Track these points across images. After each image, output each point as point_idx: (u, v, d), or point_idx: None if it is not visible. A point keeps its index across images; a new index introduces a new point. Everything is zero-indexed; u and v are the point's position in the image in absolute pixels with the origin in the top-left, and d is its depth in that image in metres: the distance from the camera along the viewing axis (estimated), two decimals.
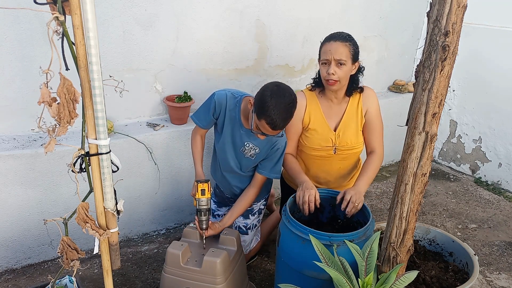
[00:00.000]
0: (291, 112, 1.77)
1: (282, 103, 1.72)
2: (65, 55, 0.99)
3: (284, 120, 1.75)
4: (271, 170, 2.04)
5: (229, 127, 1.98)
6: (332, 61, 1.88)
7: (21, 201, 2.12)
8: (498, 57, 3.15)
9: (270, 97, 1.71)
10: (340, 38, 1.89)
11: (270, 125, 1.74)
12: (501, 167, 3.30)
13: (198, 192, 1.84)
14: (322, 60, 1.92)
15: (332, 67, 1.88)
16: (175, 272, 1.74)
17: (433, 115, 1.34)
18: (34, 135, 2.19)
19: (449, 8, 1.21)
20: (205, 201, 1.85)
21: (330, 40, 1.91)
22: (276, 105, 1.70)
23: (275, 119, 1.71)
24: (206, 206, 1.84)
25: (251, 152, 2.00)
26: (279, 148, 1.99)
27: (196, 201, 1.86)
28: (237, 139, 1.99)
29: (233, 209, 2.04)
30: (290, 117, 1.78)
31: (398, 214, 1.50)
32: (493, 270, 2.38)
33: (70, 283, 1.73)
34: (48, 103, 1.00)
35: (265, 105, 1.71)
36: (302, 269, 1.61)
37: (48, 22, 0.94)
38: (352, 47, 1.90)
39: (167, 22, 2.33)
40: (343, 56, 1.87)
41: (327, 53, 1.89)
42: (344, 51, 1.87)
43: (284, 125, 1.78)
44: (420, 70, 1.34)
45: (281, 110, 1.71)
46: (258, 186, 2.08)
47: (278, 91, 1.74)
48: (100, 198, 1.24)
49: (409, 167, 1.43)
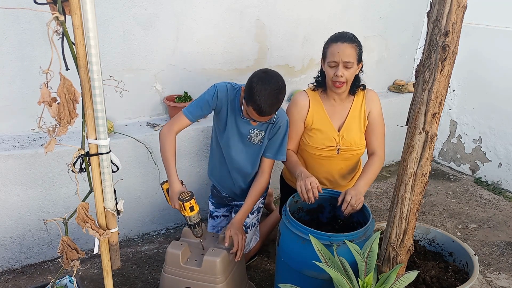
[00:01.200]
0: (278, 98, 1.78)
1: (268, 89, 1.73)
2: (65, 55, 0.99)
3: (270, 106, 1.76)
4: (277, 152, 2.03)
5: (232, 119, 1.98)
6: (340, 63, 1.88)
7: (21, 201, 2.12)
8: (498, 57, 3.15)
9: (257, 83, 1.73)
10: (347, 40, 1.89)
11: (257, 111, 1.76)
12: (501, 167, 3.30)
13: (187, 210, 1.75)
14: (329, 62, 1.91)
15: (340, 69, 1.88)
16: (175, 272, 1.74)
17: (433, 115, 1.34)
18: (34, 135, 2.19)
19: (449, 8, 1.21)
20: (195, 216, 1.77)
21: (337, 41, 1.90)
22: (261, 91, 1.72)
23: (261, 105, 1.73)
24: (197, 220, 1.78)
25: (258, 137, 2.00)
26: (281, 125, 1.99)
27: (186, 218, 1.77)
28: (242, 129, 1.99)
29: (246, 202, 2.01)
30: (277, 103, 1.79)
31: (398, 214, 1.50)
32: (493, 270, 2.38)
33: (70, 283, 1.73)
34: (48, 103, 1.00)
35: (252, 91, 1.73)
36: (302, 269, 1.61)
37: (48, 22, 0.94)
38: (358, 48, 1.91)
39: (167, 22, 2.33)
40: (351, 58, 1.87)
41: (335, 55, 1.88)
42: (351, 53, 1.87)
43: (271, 111, 1.78)
44: (420, 70, 1.34)
45: (267, 96, 1.73)
46: (267, 171, 2.06)
47: (265, 78, 1.76)
48: (100, 198, 1.24)
49: (409, 167, 1.43)
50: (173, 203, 1.85)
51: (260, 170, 2.08)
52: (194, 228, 1.80)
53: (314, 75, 2.14)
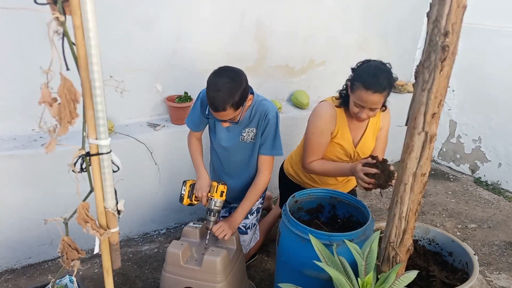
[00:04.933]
0: (230, 92, 1.68)
1: (219, 83, 1.68)
2: (66, 55, 0.99)
3: (223, 101, 1.68)
4: (272, 147, 2.00)
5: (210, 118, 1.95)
6: (366, 108, 1.84)
7: (22, 201, 2.12)
8: (498, 57, 3.15)
9: (210, 78, 1.72)
10: (380, 90, 1.78)
11: (210, 106, 1.73)
12: (500, 167, 3.30)
13: (218, 193, 1.83)
14: (356, 103, 1.86)
15: (365, 112, 1.86)
16: (175, 271, 1.75)
17: (433, 115, 1.34)
18: (34, 135, 2.19)
19: (449, 8, 1.21)
20: (221, 203, 1.86)
21: (368, 89, 1.78)
22: (211, 85, 1.69)
23: (212, 100, 1.69)
24: (219, 207, 1.85)
25: (250, 135, 1.98)
26: (270, 118, 1.93)
27: (212, 201, 1.84)
28: (232, 130, 1.98)
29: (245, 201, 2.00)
30: (230, 97, 1.68)
31: (397, 213, 1.51)
32: (493, 270, 2.38)
33: (70, 283, 1.73)
34: (49, 103, 1.00)
35: (207, 86, 1.72)
36: (302, 269, 1.61)
37: (49, 22, 0.94)
38: (388, 91, 1.83)
39: (167, 22, 2.33)
40: (379, 105, 1.84)
41: (363, 102, 1.82)
42: (380, 100, 1.82)
43: (224, 106, 1.69)
44: (420, 70, 1.34)
45: (217, 90, 1.67)
46: (265, 169, 2.03)
47: (218, 72, 1.74)
48: (101, 198, 1.24)
49: (409, 167, 1.43)
50: (200, 191, 1.92)
51: (258, 169, 2.06)
52: (212, 216, 1.84)
53: (314, 75, 2.14)
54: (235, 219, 1.94)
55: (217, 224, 1.85)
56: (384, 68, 1.82)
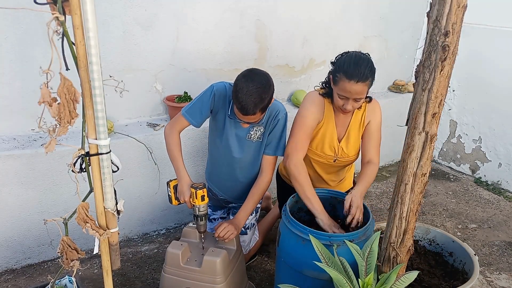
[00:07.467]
0: (261, 96, 1.72)
1: (251, 87, 1.69)
2: (65, 55, 0.99)
3: (253, 104, 1.71)
4: (276, 147, 2.00)
5: (232, 119, 1.94)
6: (350, 99, 1.83)
7: (21, 201, 2.12)
8: (498, 57, 3.15)
9: (240, 81, 1.72)
10: (362, 79, 1.76)
11: (240, 110, 1.73)
12: (501, 167, 3.30)
13: (198, 199, 1.78)
14: (340, 95, 1.84)
15: (349, 103, 1.84)
16: (175, 272, 1.74)
17: (433, 115, 1.34)
18: (34, 135, 2.19)
19: (449, 8, 1.21)
20: (205, 207, 1.80)
21: (351, 79, 1.76)
22: (244, 88, 1.69)
23: (243, 103, 1.70)
24: (205, 211, 1.81)
25: (257, 134, 1.98)
26: (280, 119, 1.95)
27: (195, 207, 1.79)
28: (241, 128, 1.96)
29: (247, 202, 1.99)
30: (261, 102, 1.73)
31: (398, 214, 1.50)
32: (493, 270, 2.38)
33: (70, 283, 1.73)
34: (49, 103, 1.00)
35: (235, 89, 1.71)
36: (302, 269, 1.61)
37: (48, 22, 0.94)
38: (371, 81, 1.82)
39: (167, 22, 2.33)
40: (362, 95, 1.83)
41: (346, 92, 1.80)
42: (363, 90, 1.80)
43: (254, 110, 1.73)
44: (420, 70, 1.34)
45: (249, 94, 1.69)
46: (268, 170, 2.02)
47: (249, 75, 1.74)
48: (100, 198, 1.24)
49: (409, 167, 1.43)
50: (182, 196, 1.86)
51: (261, 169, 2.05)
52: (200, 221, 1.81)
53: (314, 75, 2.14)
54: (239, 220, 1.94)
55: (221, 226, 1.84)
56: (364, 57, 1.82)
